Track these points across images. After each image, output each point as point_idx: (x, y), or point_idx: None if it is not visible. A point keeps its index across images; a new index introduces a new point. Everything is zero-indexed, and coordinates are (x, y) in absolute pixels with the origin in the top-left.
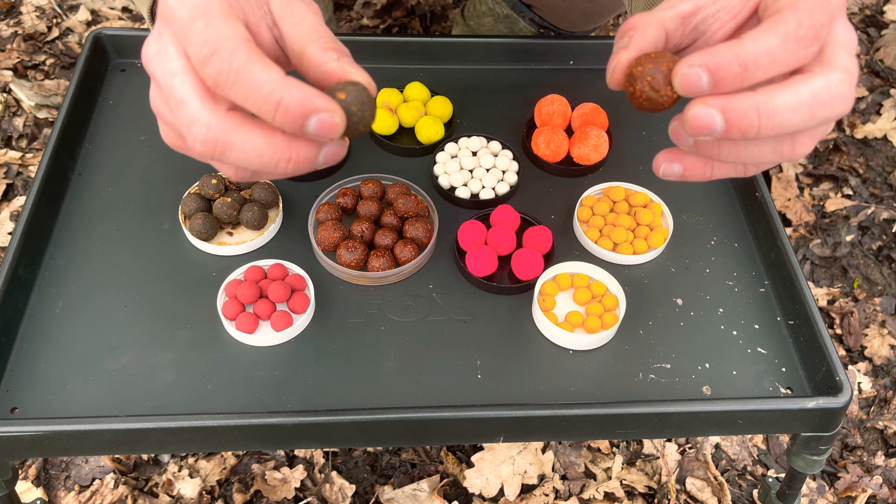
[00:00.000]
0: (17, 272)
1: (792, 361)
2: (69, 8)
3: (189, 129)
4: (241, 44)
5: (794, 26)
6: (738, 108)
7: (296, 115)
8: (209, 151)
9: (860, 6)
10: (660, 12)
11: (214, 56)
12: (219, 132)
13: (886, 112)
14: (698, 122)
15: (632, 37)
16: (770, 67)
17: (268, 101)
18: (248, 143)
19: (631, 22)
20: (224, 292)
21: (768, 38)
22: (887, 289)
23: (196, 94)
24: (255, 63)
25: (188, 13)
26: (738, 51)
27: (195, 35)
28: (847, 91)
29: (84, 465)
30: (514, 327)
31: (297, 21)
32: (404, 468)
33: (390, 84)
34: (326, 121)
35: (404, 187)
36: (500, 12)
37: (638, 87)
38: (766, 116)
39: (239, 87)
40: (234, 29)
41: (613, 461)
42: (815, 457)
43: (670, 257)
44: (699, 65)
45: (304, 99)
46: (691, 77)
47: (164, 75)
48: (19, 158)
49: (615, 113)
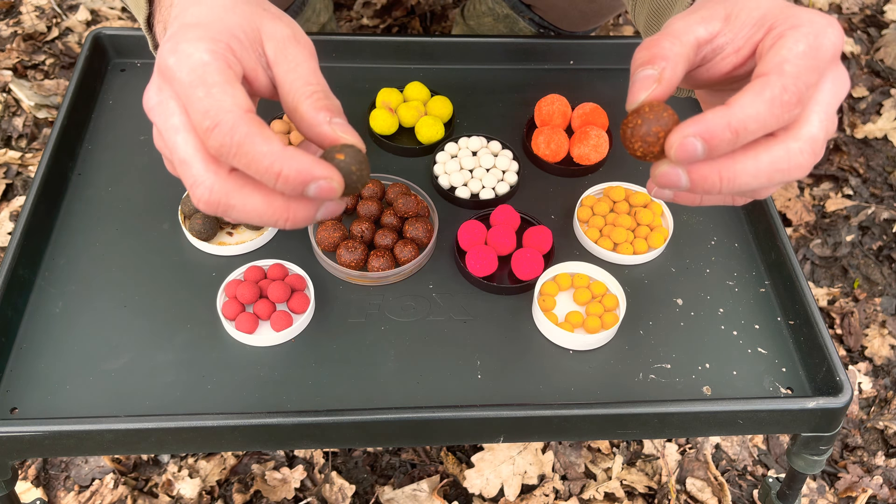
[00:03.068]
0: (17, 272)
1: (792, 361)
2: (69, 8)
3: (193, 190)
4: (240, 117)
5: (780, 91)
6: (702, 171)
7: (296, 184)
8: (212, 210)
9: (860, 6)
10: (683, 37)
11: (216, 129)
12: (221, 195)
13: (887, 112)
14: (665, 180)
15: (664, 70)
16: (758, 131)
17: (269, 171)
18: (249, 205)
19: (661, 49)
20: (224, 292)
21: (755, 104)
22: (887, 289)
23: (199, 155)
24: (254, 136)
25: (187, 78)
26: (728, 119)
27: (196, 104)
28: (805, 161)
29: (84, 465)
30: (514, 327)
31: (291, 68)
32: (404, 468)
33: (390, 84)
34: (325, 186)
35: (404, 187)
36: (500, 12)
37: (635, 143)
38: (728, 180)
39: (241, 159)
40: (233, 99)
41: (614, 461)
42: (815, 457)
43: (670, 257)
44: (693, 134)
45: (303, 169)
46: (687, 147)
47: (167, 130)
48: (19, 158)
49: (615, 113)
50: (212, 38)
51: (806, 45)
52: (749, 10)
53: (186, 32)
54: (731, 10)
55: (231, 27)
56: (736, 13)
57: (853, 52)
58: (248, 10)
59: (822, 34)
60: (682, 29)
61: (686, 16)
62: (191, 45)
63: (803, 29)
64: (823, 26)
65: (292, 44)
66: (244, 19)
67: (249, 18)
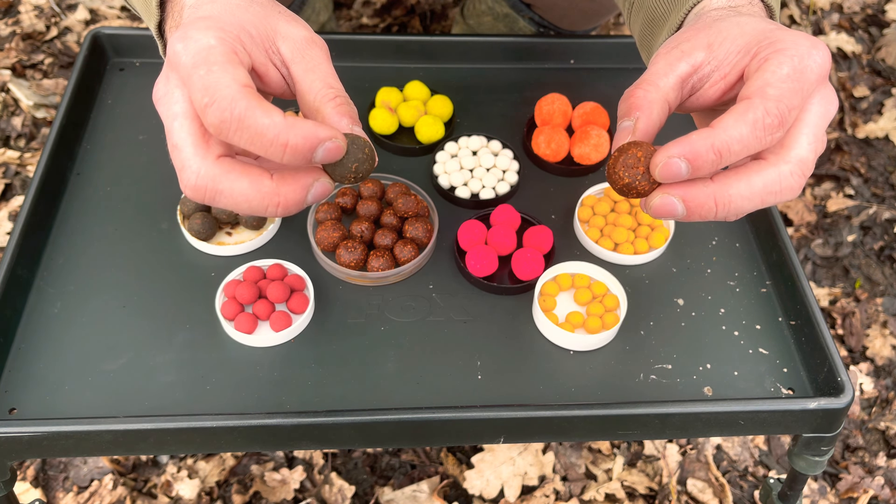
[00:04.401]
0: (16, 272)
1: (793, 362)
2: (68, 7)
3: (181, 175)
4: (238, 91)
5: (762, 114)
6: (697, 198)
7: (304, 150)
8: (199, 196)
9: (861, 5)
10: (661, 80)
11: (215, 105)
12: (208, 179)
13: (888, 111)
14: (662, 210)
15: (638, 119)
16: (741, 153)
17: (275, 143)
18: (237, 190)
19: (636, 99)
20: (223, 292)
21: (738, 127)
22: (889, 289)
23: (190, 140)
24: (254, 109)
25: (191, 60)
26: (712, 140)
27: (196, 82)
28: (796, 182)
29: (83, 465)
30: (514, 328)
31: (310, 68)
32: (404, 469)
33: (390, 83)
34: (331, 147)
35: (404, 187)
36: (500, 11)
37: (619, 171)
38: (723, 205)
39: (243, 133)
40: (232, 75)
41: (614, 462)
42: (816, 458)
43: (671, 257)
44: (678, 155)
45: (308, 134)
46: (671, 167)
47: (167, 117)
48: (17, 158)
49: (616, 112)
50: (221, 28)
51: (790, 68)
52: (733, 37)
53: (197, 22)
54: (713, 39)
55: (243, 23)
56: (719, 42)
57: (854, 52)
58: (261, 11)
59: (806, 56)
60: (661, 70)
61: (668, 51)
62: (200, 32)
63: (787, 52)
64: (808, 48)
65: (310, 45)
66: (257, 18)
67: (263, 18)
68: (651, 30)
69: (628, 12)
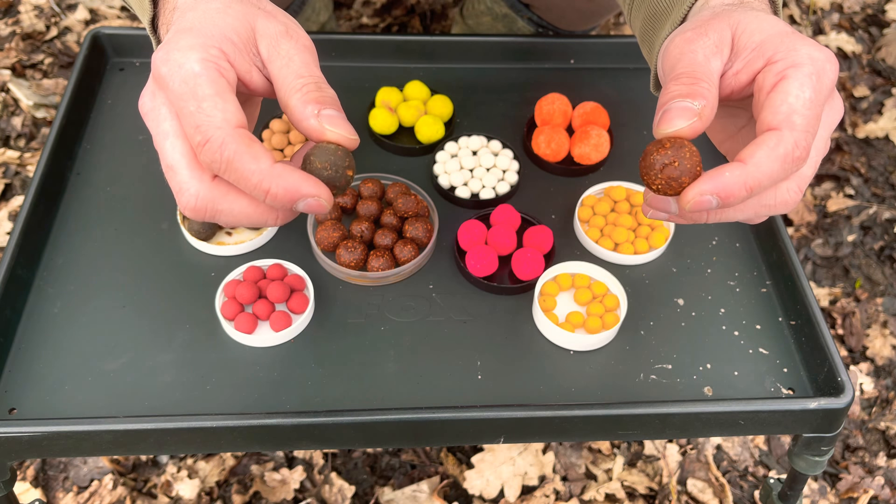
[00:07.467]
0: (16, 272)
1: (793, 362)
2: (67, 7)
3: (179, 196)
4: (229, 134)
5: (792, 148)
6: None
7: (284, 201)
8: (199, 216)
9: (861, 5)
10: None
11: (207, 146)
12: (207, 201)
13: (888, 111)
14: (698, 208)
15: (704, 107)
16: (769, 187)
17: (258, 189)
18: (236, 209)
19: (700, 88)
20: (223, 292)
21: (770, 163)
22: (889, 289)
23: (184, 161)
24: (243, 154)
25: (179, 89)
26: (745, 178)
27: (188, 118)
28: (792, 198)
29: (82, 465)
30: (514, 328)
31: (283, 64)
32: (404, 469)
33: (390, 83)
34: (313, 204)
35: (404, 187)
36: (499, 11)
37: (659, 179)
38: (714, 215)
39: (230, 175)
40: (223, 114)
41: (614, 462)
42: (816, 458)
43: (671, 257)
44: (710, 192)
45: (290, 187)
46: (703, 203)
47: (157, 134)
48: (17, 158)
49: (616, 112)
50: (202, 46)
51: (811, 91)
52: (749, 32)
53: (179, 39)
54: (734, 30)
55: (224, 30)
56: (738, 34)
57: (854, 52)
58: (241, 10)
59: (822, 73)
60: (702, 62)
61: (695, 41)
62: (182, 54)
63: (804, 69)
64: (822, 63)
65: (284, 39)
66: (238, 20)
67: (243, 19)
68: (653, 24)
69: (629, 8)
